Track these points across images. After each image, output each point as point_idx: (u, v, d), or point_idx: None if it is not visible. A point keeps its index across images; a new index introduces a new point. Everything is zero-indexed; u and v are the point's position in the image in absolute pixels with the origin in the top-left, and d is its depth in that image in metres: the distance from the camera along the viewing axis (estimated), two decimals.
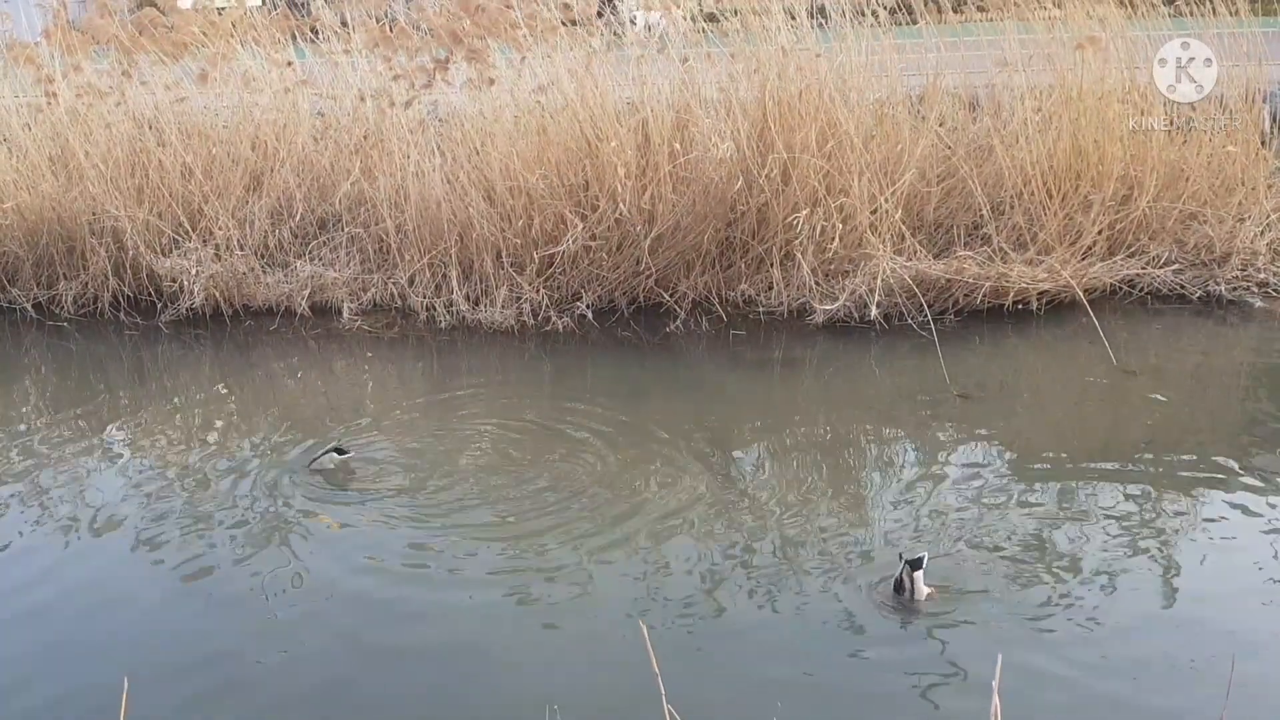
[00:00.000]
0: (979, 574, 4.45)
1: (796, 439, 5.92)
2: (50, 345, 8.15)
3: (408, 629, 4.31)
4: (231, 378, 7.50)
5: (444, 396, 6.87)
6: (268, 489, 5.50)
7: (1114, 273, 7.55)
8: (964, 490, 5.18)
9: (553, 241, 7.79)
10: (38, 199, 8.73)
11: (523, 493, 5.35)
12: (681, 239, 7.76)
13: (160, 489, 5.61)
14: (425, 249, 8.12)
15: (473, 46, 8.30)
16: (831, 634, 4.12)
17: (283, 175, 8.69)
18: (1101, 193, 7.65)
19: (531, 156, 7.97)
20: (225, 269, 8.18)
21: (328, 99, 9.23)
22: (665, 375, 7.02)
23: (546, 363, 7.31)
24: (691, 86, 8.03)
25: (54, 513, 5.41)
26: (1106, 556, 4.53)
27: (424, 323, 7.88)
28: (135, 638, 4.36)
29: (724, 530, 4.92)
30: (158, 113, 9.05)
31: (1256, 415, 6.18)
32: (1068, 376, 6.85)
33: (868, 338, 7.18)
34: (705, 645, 4.11)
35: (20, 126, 9.15)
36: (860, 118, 7.74)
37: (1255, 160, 7.92)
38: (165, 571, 4.80)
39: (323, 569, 4.76)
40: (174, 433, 6.47)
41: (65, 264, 8.75)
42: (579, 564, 4.70)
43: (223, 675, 4.08)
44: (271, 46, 9.27)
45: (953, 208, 7.99)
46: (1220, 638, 3.98)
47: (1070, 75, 7.93)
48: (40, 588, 4.76)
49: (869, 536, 4.79)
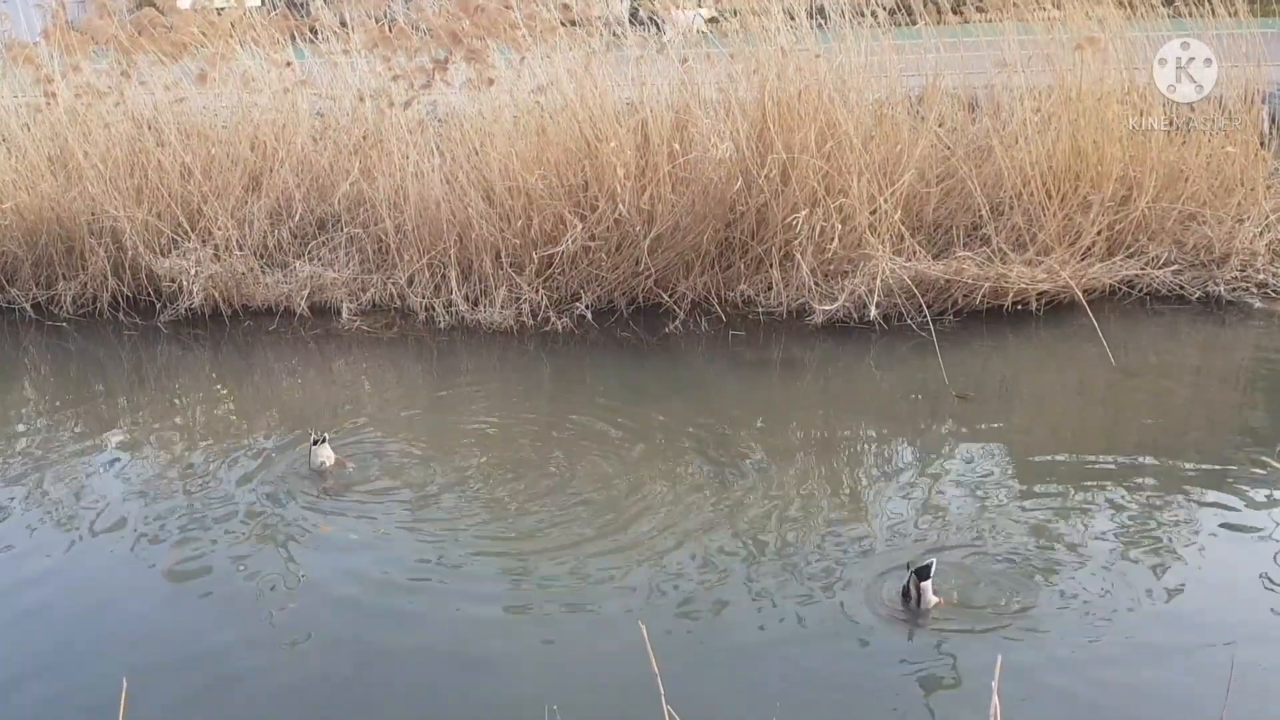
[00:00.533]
0: (980, 575, 4.45)
1: (796, 440, 5.91)
2: (49, 345, 8.14)
3: (406, 630, 4.31)
4: (231, 378, 7.49)
5: (443, 397, 6.86)
6: (267, 490, 5.50)
7: (1113, 273, 7.55)
8: (963, 491, 5.18)
9: (552, 242, 7.79)
10: (37, 199, 8.73)
11: (521, 493, 5.35)
12: (681, 239, 7.76)
13: (159, 489, 5.60)
14: (424, 249, 8.12)
15: (472, 47, 8.30)
16: (831, 634, 4.12)
17: (282, 175, 8.69)
18: (1101, 193, 7.66)
19: (531, 157, 7.97)
20: (224, 269, 8.18)
21: (327, 99, 9.23)
22: (664, 376, 7.02)
23: (546, 363, 7.30)
24: (691, 87, 8.03)
25: (53, 513, 5.41)
26: (1106, 557, 4.54)
27: (423, 323, 7.88)
28: (134, 637, 4.35)
29: (723, 531, 4.92)
30: (157, 113, 9.05)
31: (1256, 415, 6.18)
32: (1067, 377, 6.85)
33: (867, 338, 7.18)
34: (705, 646, 4.11)
35: (19, 126, 9.15)
36: (859, 118, 7.74)
37: (1254, 161, 7.93)
38: (164, 572, 4.79)
39: (321, 569, 4.76)
40: (173, 433, 6.46)
41: (64, 264, 8.74)
42: (578, 564, 4.69)
43: (221, 675, 4.08)
44: (271, 47, 9.26)
45: (952, 208, 7.99)
46: (1221, 637, 3.97)
47: (1069, 76, 7.94)
48: (39, 587, 4.76)
49: (869, 538, 4.79)
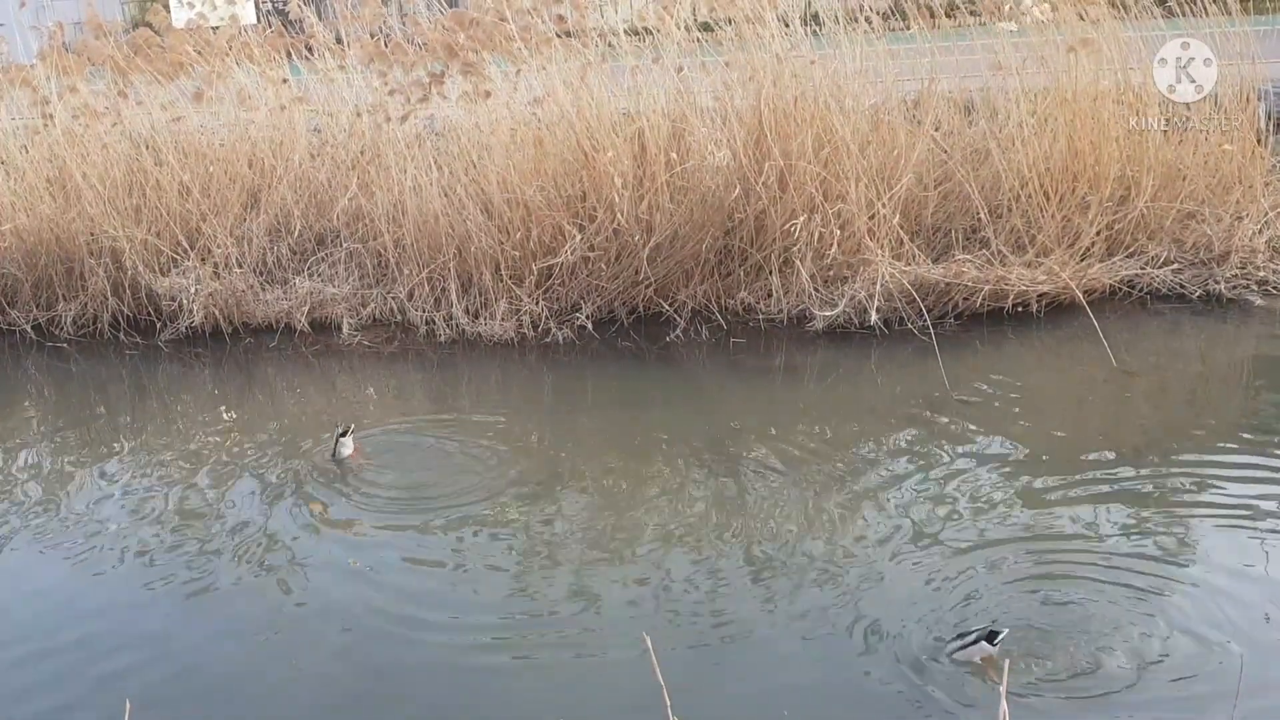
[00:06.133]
0: (982, 576, 4.44)
1: (799, 447, 5.90)
2: (50, 366, 8.14)
3: (411, 644, 4.30)
4: (232, 396, 7.49)
5: (445, 410, 6.85)
6: (269, 509, 5.49)
7: (1113, 273, 7.54)
8: (965, 494, 5.17)
9: (551, 253, 7.79)
10: (36, 221, 8.73)
11: (524, 505, 5.34)
12: (680, 248, 7.76)
13: (162, 510, 5.59)
14: (424, 263, 8.12)
15: (468, 60, 8.32)
16: (837, 645, 4.11)
17: (280, 192, 8.70)
18: (1099, 193, 7.66)
19: (528, 168, 7.97)
20: (224, 287, 8.18)
21: (324, 115, 9.24)
22: (666, 384, 7.01)
23: (547, 374, 7.30)
24: (687, 95, 8.03)
25: (55, 534, 5.40)
26: (1109, 559, 4.52)
27: (424, 337, 7.87)
28: (136, 660, 4.33)
29: (727, 540, 4.91)
30: (154, 132, 9.06)
31: (1259, 414, 6.16)
32: (1069, 378, 6.84)
33: (868, 343, 7.17)
34: (709, 656, 4.10)
35: (17, 149, 9.16)
36: (856, 123, 7.74)
37: (1252, 159, 7.92)
38: (167, 593, 4.79)
39: (324, 587, 4.75)
40: (175, 452, 6.46)
41: (64, 285, 8.74)
42: (581, 575, 4.69)
43: (225, 697, 4.07)
44: (266, 64, 9.28)
45: (950, 211, 7.99)
46: (1228, 639, 3.96)
47: (1064, 77, 7.94)
48: (41, 609, 4.76)
49: (874, 546, 4.77)
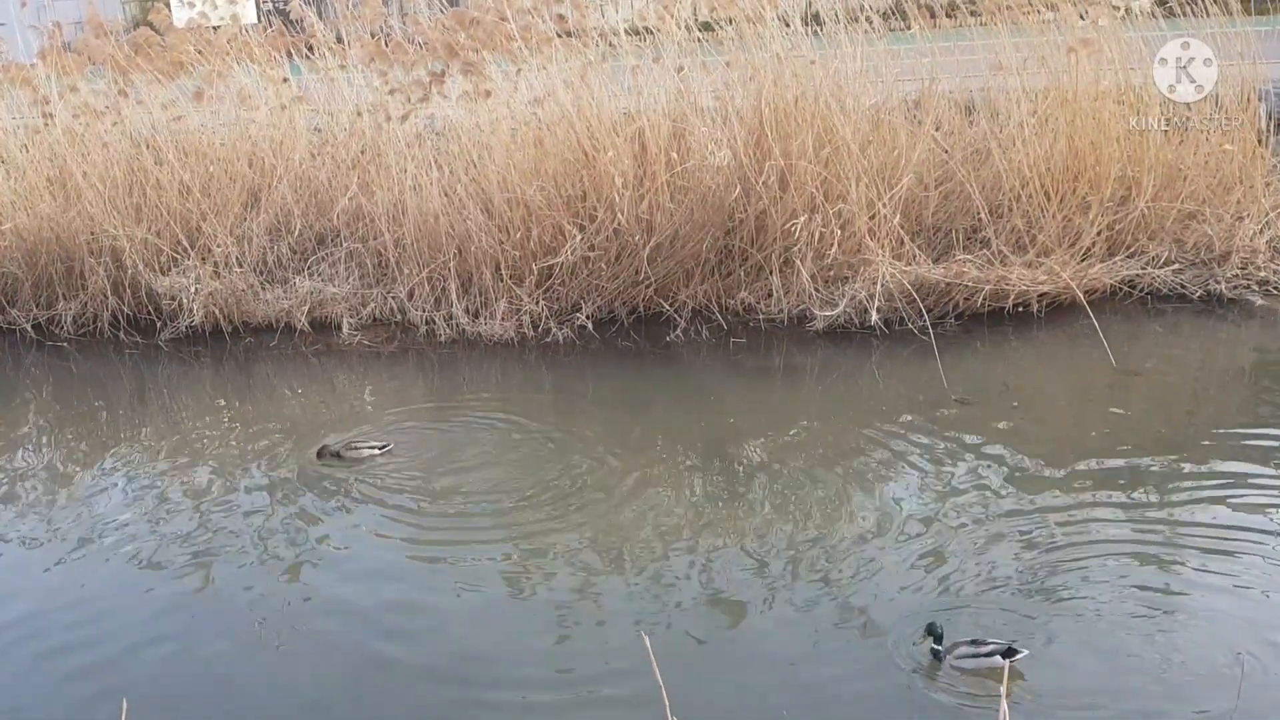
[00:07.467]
0: (983, 577, 4.43)
1: (798, 446, 5.90)
2: (50, 365, 8.14)
3: (410, 641, 4.30)
4: (232, 394, 7.48)
5: (445, 410, 6.84)
6: (270, 508, 5.49)
7: (1114, 273, 7.54)
8: (965, 494, 5.16)
9: (551, 253, 7.78)
10: (36, 220, 8.73)
11: (526, 504, 5.34)
12: (680, 248, 7.75)
13: (161, 507, 5.59)
14: (424, 262, 8.11)
15: (468, 59, 8.31)
16: (837, 645, 4.10)
17: (280, 192, 8.69)
18: (1099, 194, 7.65)
19: (529, 168, 7.96)
20: (224, 286, 8.17)
21: (324, 115, 9.24)
22: (666, 384, 7.00)
23: (547, 374, 7.29)
24: (687, 95, 8.03)
25: (55, 532, 5.39)
26: (1110, 559, 4.52)
27: (424, 336, 7.86)
28: (135, 657, 4.33)
29: (727, 539, 4.90)
30: (155, 131, 9.06)
31: (1260, 413, 6.15)
32: (1069, 378, 6.83)
33: (868, 343, 7.17)
34: (709, 655, 4.09)
35: (18, 148, 9.16)
36: (856, 123, 7.74)
37: (1252, 159, 7.92)
38: (166, 590, 4.78)
39: (323, 584, 4.75)
40: (175, 451, 6.45)
41: (64, 284, 8.74)
42: (582, 574, 4.68)
43: (222, 694, 4.07)
44: (267, 64, 9.28)
45: (951, 211, 7.99)
46: (1228, 638, 3.95)
47: (1065, 77, 7.93)
48: (41, 606, 4.75)
49: (873, 545, 4.77)
